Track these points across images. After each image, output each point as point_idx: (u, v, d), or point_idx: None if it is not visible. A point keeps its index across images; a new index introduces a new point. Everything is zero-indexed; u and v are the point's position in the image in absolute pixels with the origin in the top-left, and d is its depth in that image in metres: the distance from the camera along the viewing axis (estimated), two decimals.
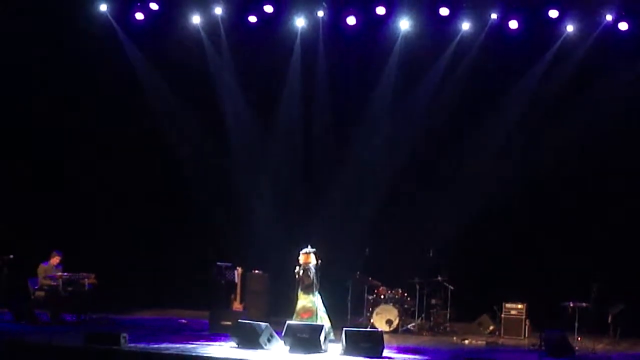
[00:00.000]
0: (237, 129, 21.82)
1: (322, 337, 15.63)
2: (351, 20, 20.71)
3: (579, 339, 17.44)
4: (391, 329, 18.70)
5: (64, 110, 21.46)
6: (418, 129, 21.06)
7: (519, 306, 18.85)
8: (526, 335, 18.66)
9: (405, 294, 19.31)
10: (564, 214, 20.24)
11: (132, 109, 21.50)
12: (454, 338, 18.54)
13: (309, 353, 15.45)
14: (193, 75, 21.59)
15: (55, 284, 18.74)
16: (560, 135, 20.21)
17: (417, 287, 19.22)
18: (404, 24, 20.68)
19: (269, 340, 15.83)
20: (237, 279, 18.95)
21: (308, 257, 16.87)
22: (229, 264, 18.91)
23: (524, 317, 18.79)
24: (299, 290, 16.88)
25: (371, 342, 15.63)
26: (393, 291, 19.20)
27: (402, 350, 16.55)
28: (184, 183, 21.56)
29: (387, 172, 21.08)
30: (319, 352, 15.54)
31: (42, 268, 19.15)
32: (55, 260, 19.24)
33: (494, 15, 20.25)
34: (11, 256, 18.94)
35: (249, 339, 15.83)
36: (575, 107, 20.16)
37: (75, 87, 21.31)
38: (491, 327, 19.25)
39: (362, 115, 21.31)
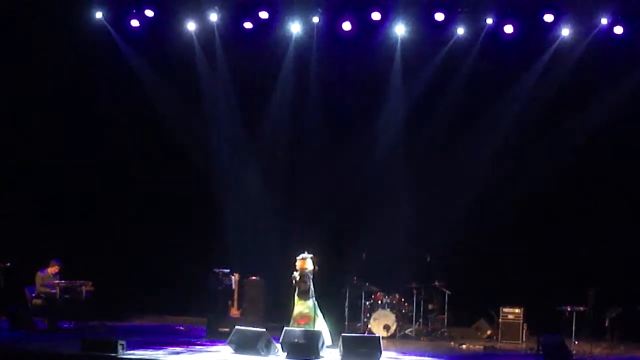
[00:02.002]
0: (230, 135, 21.79)
1: (319, 343, 15.64)
2: (346, 26, 20.71)
3: (577, 343, 17.45)
4: (389, 334, 18.69)
5: (61, 116, 21.44)
6: (414, 134, 21.07)
7: (517, 310, 18.85)
8: (523, 340, 18.67)
9: (403, 299, 19.31)
10: (561, 218, 20.23)
11: (129, 112, 21.47)
12: (452, 343, 18.56)
13: (307, 359, 15.44)
14: (189, 79, 21.61)
15: (52, 291, 18.72)
16: (557, 139, 20.25)
17: (415, 292, 19.22)
18: (400, 29, 20.70)
19: (266, 347, 15.82)
20: (234, 285, 18.98)
21: (305, 263, 16.85)
22: (226, 271, 18.90)
23: (521, 321, 18.79)
24: (295, 296, 16.86)
25: (369, 348, 15.63)
26: (390, 296, 19.18)
27: (400, 355, 16.55)
28: (180, 190, 21.53)
29: (383, 177, 21.06)
30: (317, 358, 15.53)
31: (39, 276, 19.13)
32: (53, 269, 19.20)
33: (489, 20, 20.27)
34: (8, 264, 18.95)
35: (247, 345, 15.83)
36: (573, 109, 20.20)
37: (75, 91, 21.31)
38: (489, 332, 19.25)
39: (356, 120, 21.30)
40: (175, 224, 21.33)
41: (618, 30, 19.75)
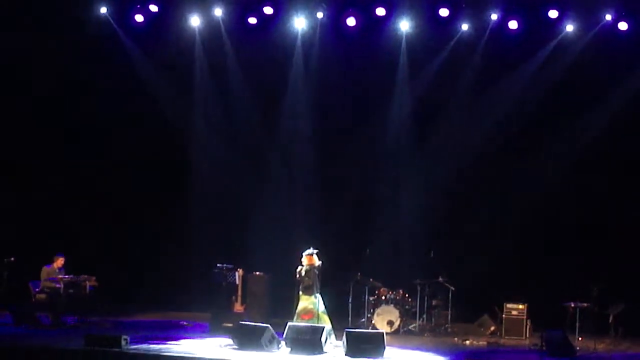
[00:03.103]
0: (237, 131, 21.80)
1: (323, 339, 15.64)
2: (351, 21, 20.70)
3: (580, 339, 17.47)
4: (392, 329, 18.70)
5: (64, 112, 21.45)
6: (418, 131, 21.05)
7: (520, 306, 18.83)
8: (527, 336, 18.65)
9: (406, 295, 19.30)
10: (564, 214, 20.22)
11: (132, 110, 21.46)
12: (455, 339, 18.53)
13: (310, 354, 15.45)
14: (192, 75, 21.62)
15: (57, 286, 18.72)
16: (560, 136, 20.23)
17: (418, 287, 19.23)
18: (404, 25, 20.68)
19: (270, 342, 15.83)
20: (238, 281, 18.95)
21: (312, 259, 16.80)
22: (230, 266, 18.90)
23: (525, 317, 18.77)
24: (300, 291, 16.85)
25: (372, 343, 15.63)
26: (394, 292, 19.18)
27: (403, 351, 16.55)
28: (185, 185, 21.54)
29: (387, 172, 21.09)
30: (320, 354, 15.54)
31: (45, 270, 19.12)
32: (59, 262, 19.21)
33: (494, 16, 20.24)
34: (12, 258, 18.98)
35: (250, 341, 15.83)
36: (576, 106, 20.19)
37: (76, 89, 21.31)
38: (492, 328, 19.23)
39: (361, 116, 21.28)
40: (179, 220, 21.36)
41: (622, 26, 19.72)
